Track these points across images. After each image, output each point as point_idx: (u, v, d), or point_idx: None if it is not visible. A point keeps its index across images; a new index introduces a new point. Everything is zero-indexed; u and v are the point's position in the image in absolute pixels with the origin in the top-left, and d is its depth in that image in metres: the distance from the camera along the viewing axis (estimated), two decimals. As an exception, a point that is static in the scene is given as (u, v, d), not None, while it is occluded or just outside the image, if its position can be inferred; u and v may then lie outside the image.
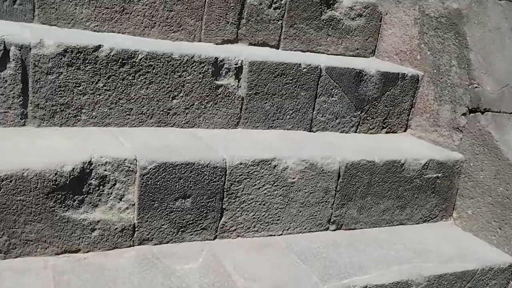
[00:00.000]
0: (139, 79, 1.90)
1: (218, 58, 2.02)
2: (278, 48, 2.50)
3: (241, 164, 1.79)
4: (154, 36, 2.21)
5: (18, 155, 1.55)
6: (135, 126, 1.95)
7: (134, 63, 1.87)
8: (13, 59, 1.70)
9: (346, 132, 2.36)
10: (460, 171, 2.23)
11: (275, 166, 1.85)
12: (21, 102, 1.75)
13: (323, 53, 2.61)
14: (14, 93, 1.73)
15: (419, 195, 2.18)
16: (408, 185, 2.13)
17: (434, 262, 1.91)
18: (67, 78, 1.79)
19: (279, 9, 2.44)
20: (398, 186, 2.11)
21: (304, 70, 2.19)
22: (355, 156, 2.01)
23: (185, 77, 1.97)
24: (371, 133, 2.43)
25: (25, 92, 1.74)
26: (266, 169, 1.84)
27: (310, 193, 1.94)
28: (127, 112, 1.92)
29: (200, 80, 2.00)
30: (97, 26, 2.09)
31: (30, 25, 1.96)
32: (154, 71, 1.91)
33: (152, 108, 1.95)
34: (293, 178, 1.90)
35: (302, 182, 1.92)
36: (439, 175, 2.19)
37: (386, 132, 2.47)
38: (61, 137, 1.74)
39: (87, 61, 1.80)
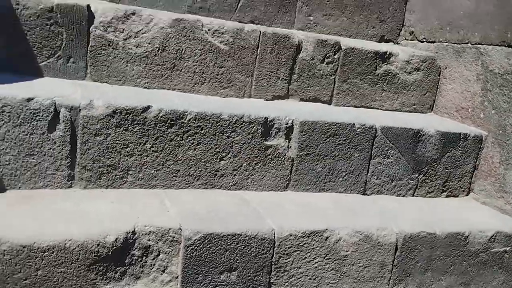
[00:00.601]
0: (187, 140, 1.84)
1: (268, 118, 1.94)
2: (330, 104, 2.40)
3: (290, 235, 1.68)
4: (204, 92, 2.16)
5: (62, 222, 1.50)
6: (181, 188, 1.88)
7: (182, 124, 1.82)
8: (63, 121, 1.68)
9: (403, 196, 2.21)
10: (532, 245, 2.02)
11: (327, 237, 1.73)
12: (68, 164, 1.72)
13: (377, 108, 2.49)
14: (62, 155, 1.70)
15: (485, 271, 1.98)
16: (472, 259, 1.94)
17: None
18: (115, 139, 1.75)
19: (332, 63, 2.35)
20: (462, 261, 1.92)
21: (358, 130, 2.07)
22: (413, 227, 1.85)
23: (233, 138, 1.90)
24: (429, 197, 2.26)
25: (73, 153, 1.72)
26: (318, 240, 1.72)
27: (365, 267, 1.79)
28: (174, 174, 1.85)
29: (249, 141, 1.93)
30: (147, 83, 2.07)
31: (82, 82, 1.96)
32: (202, 131, 1.85)
33: (200, 169, 1.88)
34: (346, 251, 1.76)
35: (356, 255, 1.77)
36: (507, 249, 1.99)
37: (447, 196, 2.29)
38: (106, 200, 1.69)
39: (136, 122, 1.76)
